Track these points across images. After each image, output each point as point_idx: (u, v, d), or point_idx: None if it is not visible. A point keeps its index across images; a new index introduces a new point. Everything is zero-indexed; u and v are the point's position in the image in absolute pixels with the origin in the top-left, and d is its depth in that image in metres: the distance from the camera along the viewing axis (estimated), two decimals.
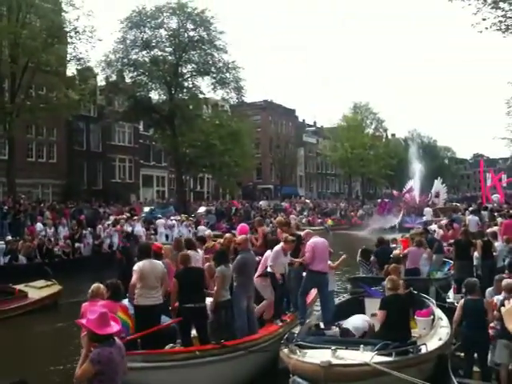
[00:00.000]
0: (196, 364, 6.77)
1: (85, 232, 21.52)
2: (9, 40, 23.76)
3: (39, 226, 20.87)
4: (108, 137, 41.26)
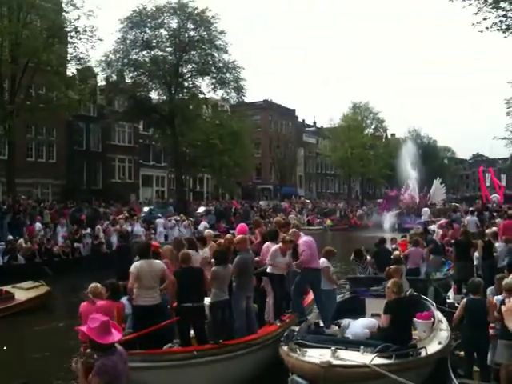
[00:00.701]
0: (194, 364, 6.74)
1: (84, 232, 21.49)
2: (9, 40, 23.67)
3: (38, 226, 20.82)
4: (108, 137, 41.21)
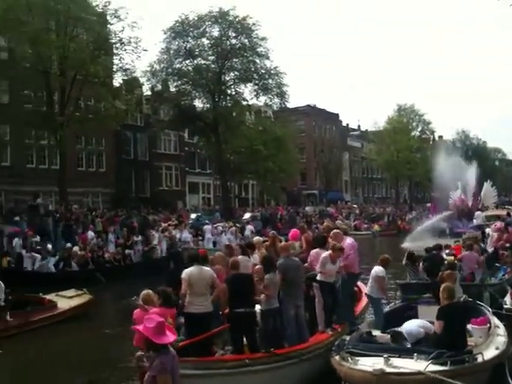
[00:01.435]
0: (246, 372, 6.73)
1: (136, 239, 21.97)
2: (58, 54, 24.46)
3: (91, 234, 21.41)
4: (154, 145, 41.95)
